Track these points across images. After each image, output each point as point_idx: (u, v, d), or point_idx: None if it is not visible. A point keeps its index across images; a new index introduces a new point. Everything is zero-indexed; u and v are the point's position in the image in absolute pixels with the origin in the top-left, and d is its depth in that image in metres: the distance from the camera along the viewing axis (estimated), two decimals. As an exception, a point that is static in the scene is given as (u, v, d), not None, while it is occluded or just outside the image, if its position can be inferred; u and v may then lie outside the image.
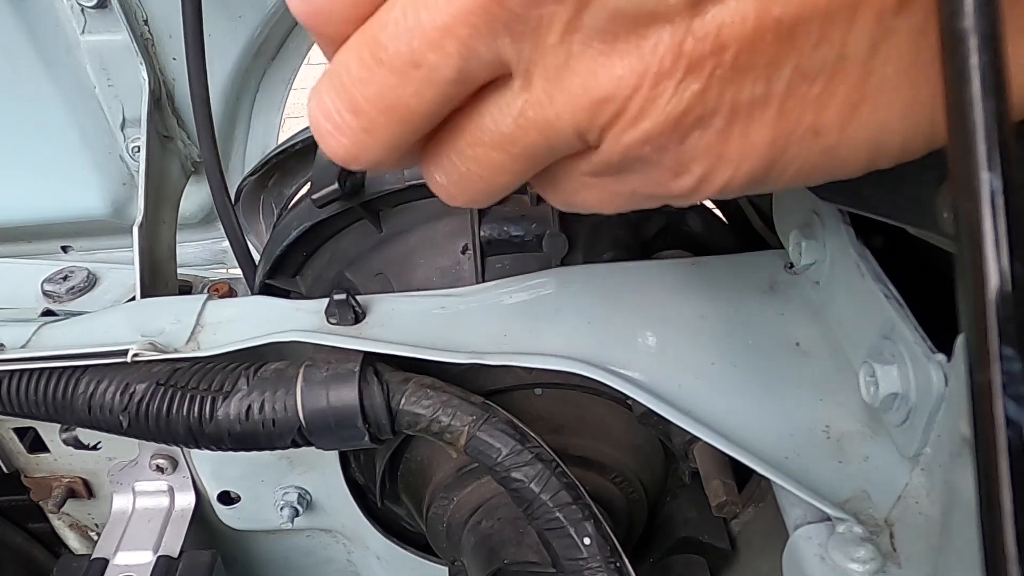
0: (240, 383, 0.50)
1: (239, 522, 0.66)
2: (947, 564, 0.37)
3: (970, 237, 0.16)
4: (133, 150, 0.89)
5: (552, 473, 0.49)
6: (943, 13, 0.16)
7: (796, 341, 0.51)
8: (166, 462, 0.63)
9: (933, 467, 0.41)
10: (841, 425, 0.46)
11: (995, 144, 0.15)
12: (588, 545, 0.48)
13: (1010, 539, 0.16)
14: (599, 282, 0.55)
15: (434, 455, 0.60)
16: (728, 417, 0.47)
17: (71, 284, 0.90)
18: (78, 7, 0.77)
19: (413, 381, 0.51)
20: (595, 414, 0.59)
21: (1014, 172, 0.16)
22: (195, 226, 1.04)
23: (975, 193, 0.16)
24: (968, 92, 0.15)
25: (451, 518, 0.59)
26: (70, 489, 0.66)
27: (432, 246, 0.60)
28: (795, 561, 0.42)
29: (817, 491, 0.43)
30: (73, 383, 0.51)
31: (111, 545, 0.63)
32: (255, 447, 0.50)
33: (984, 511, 0.17)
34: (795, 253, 0.51)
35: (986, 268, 0.16)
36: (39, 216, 0.95)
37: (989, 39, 0.15)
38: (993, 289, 0.16)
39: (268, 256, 0.66)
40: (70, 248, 1.04)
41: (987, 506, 0.17)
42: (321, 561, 0.73)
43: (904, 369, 0.41)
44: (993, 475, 0.16)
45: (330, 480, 0.63)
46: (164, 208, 0.81)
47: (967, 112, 0.16)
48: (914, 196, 0.37)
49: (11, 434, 0.63)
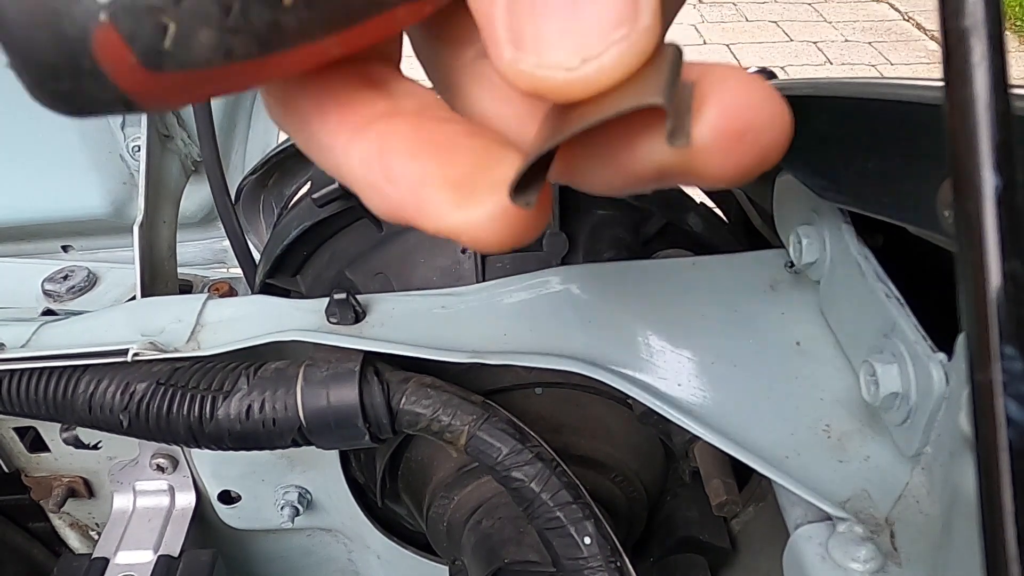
0: (240, 382, 0.50)
1: (239, 521, 0.66)
2: (948, 563, 0.37)
3: (971, 236, 0.16)
4: (133, 149, 0.89)
5: (552, 472, 0.49)
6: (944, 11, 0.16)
7: (796, 340, 0.51)
8: (166, 461, 0.63)
9: (934, 466, 0.41)
10: (841, 424, 0.46)
11: (997, 143, 0.15)
12: (588, 544, 0.48)
13: (1011, 538, 0.16)
14: (599, 281, 0.55)
15: (434, 454, 0.60)
16: (728, 416, 0.47)
17: (71, 283, 0.90)
18: (78, 6, 0.77)
19: (413, 380, 0.51)
20: (595, 413, 0.59)
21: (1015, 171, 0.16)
22: (195, 225, 1.04)
23: (976, 192, 0.16)
24: (969, 91, 0.15)
25: (451, 517, 0.59)
26: (70, 488, 0.66)
27: (432, 245, 0.60)
28: (795, 560, 0.42)
29: (817, 490, 0.43)
30: (73, 382, 0.51)
31: (111, 544, 0.63)
32: (255, 446, 0.50)
33: (985, 510, 0.17)
34: (795, 252, 0.51)
35: (987, 267, 0.16)
36: (39, 215, 0.95)
37: (991, 38, 0.15)
38: (994, 288, 0.16)
39: (268, 255, 0.66)
40: (70, 247, 1.04)
41: (988, 505, 0.17)
42: (321, 560, 0.73)
43: (904, 368, 0.41)
44: (994, 474, 0.16)
45: (330, 479, 0.63)
46: (164, 207, 0.81)
47: (969, 111, 0.16)
48: (914, 195, 0.37)
49: (12, 433, 0.63)
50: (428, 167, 0.19)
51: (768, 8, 4.29)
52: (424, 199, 0.19)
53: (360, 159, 0.20)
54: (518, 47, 0.17)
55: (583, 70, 0.17)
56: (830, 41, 3.96)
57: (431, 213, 0.19)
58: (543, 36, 0.17)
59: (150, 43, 0.16)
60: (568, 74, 0.17)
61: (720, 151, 0.17)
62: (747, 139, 0.17)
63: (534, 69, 0.17)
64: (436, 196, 0.19)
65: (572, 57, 0.17)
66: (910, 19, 4.15)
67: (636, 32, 0.17)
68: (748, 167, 0.18)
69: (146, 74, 0.16)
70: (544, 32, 0.17)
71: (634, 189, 0.21)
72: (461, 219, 0.19)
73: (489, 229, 0.19)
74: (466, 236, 0.19)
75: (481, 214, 0.18)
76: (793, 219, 0.53)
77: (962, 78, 0.16)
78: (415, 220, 0.19)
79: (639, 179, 0.19)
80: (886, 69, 3.69)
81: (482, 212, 0.18)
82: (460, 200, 0.19)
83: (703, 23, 4.11)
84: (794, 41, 3.96)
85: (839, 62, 3.77)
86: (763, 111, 0.17)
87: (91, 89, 0.16)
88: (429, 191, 0.19)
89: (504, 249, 0.19)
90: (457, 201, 0.19)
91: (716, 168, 0.18)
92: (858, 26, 4.11)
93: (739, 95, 0.17)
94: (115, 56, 0.16)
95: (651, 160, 0.19)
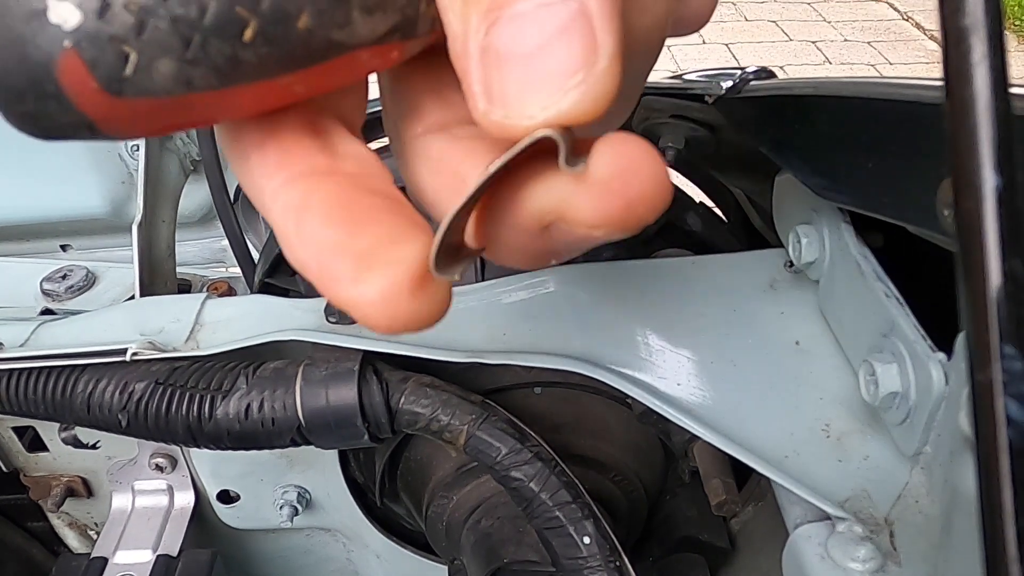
0: (239, 382, 0.50)
1: (238, 521, 0.66)
2: (947, 563, 0.37)
3: (971, 235, 0.16)
4: (132, 148, 0.89)
5: (551, 472, 0.49)
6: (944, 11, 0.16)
7: (796, 340, 0.51)
8: (165, 461, 0.63)
9: (933, 466, 0.41)
10: (841, 424, 0.46)
11: (997, 142, 0.15)
12: (588, 544, 0.48)
13: (1011, 538, 0.16)
14: (599, 281, 0.55)
15: (433, 454, 0.60)
16: (728, 415, 0.47)
17: (70, 283, 0.90)
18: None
19: (412, 380, 0.51)
20: (594, 413, 0.59)
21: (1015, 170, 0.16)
22: (194, 225, 1.04)
23: (976, 191, 0.16)
24: (970, 90, 0.15)
25: (450, 517, 0.59)
26: (69, 488, 0.66)
27: (431, 245, 0.60)
28: (795, 560, 0.42)
29: (817, 490, 0.43)
30: (72, 382, 0.51)
31: (110, 544, 0.63)
32: (254, 446, 0.50)
33: (985, 510, 0.17)
34: (795, 251, 0.51)
35: (987, 266, 0.16)
36: (38, 215, 0.95)
37: (990, 37, 0.15)
38: (994, 287, 0.16)
39: (267, 255, 0.66)
40: (69, 247, 1.03)
41: (988, 505, 0.17)
42: (320, 560, 0.73)
43: (904, 368, 0.41)
44: (994, 474, 0.16)
45: (329, 479, 0.63)
46: (163, 207, 0.81)
47: (969, 110, 0.15)
48: (914, 194, 0.37)
49: (10, 433, 0.63)
50: (337, 235, 0.19)
51: (767, 8, 4.29)
52: (325, 266, 0.19)
53: (281, 210, 0.20)
54: (488, 100, 0.18)
55: (542, 116, 0.17)
56: (829, 41, 3.96)
57: (329, 282, 0.19)
58: (508, 89, 0.18)
59: (112, 70, 0.16)
60: (530, 121, 0.18)
61: (610, 189, 0.18)
62: (636, 181, 0.18)
63: (503, 120, 0.18)
64: (337, 266, 0.18)
65: (533, 107, 0.18)
66: (909, 19, 4.16)
67: (593, 75, 0.17)
68: (631, 213, 0.18)
69: (108, 100, 0.17)
70: (508, 85, 0.18)
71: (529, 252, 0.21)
72: (355, 294, 0.18)
73: (380, 307, 0.18)
74: (358, 312, 0.18)
75: (373, 291, 0.18)
76: (792, 218, 0.53)
77: (962, 77, 0.16)
78: (316, 284, 0.19)
79: (526, 232, 0.20)
80: (885, 69, 3.69)
81: (374, 288, 0.18)
82: (357, 274, 0.18)
83: (702, 22, 4.11)
84: (793, 41, 3.97)
85: (838, 62, 3.77)
86: (653, 162, 0.18)
87: (55, 112, 0.17)
88: (331, 259, 0.19)
89: (395, 331, 0.19)
90: (354, 275, 0.18)
91: (601, 209, 0.18)
92: (857, 26, 4.12)
93: (632, 144, 0.18)
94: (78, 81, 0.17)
95: (536, 206, 0.19)
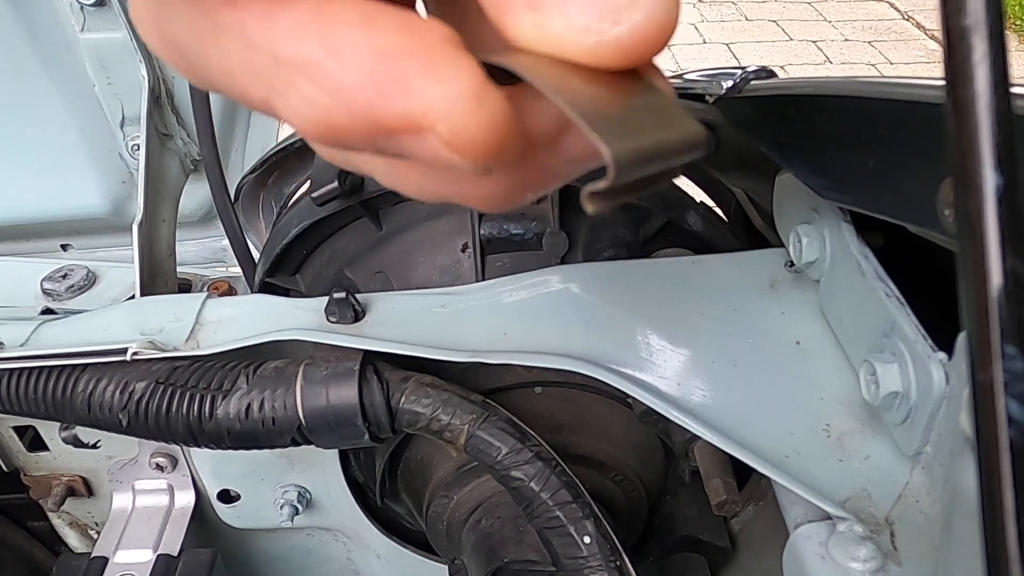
0: (240, 381, 0.50)
1: (239, 520, 0.66)
2: (948, 563, 0.37)
3: (972, 235, 0.16)
4: (133, 148, 0.89)
5: (552, 471, 0.49)
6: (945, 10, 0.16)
7: (796, 340, 0.51)
8: (166, 460, 0.63)
9: (934, 466, 0.41)
10: (841, 424, 0.46)
11: (998, 142, 0.15)
12: (588, 544, 0.48)
13: (1012, 538, 0.16)
14: (599, 280, 0.55)
15: (434, 454, 0.60)
16: (728, 415, 0.47)
17: (70, 282, 0.90)
18: (77, 5, 0.77)
19: (413, 379, 0.51)
20: (595, 413, 0.59)
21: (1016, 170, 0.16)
22: (195, 224, 1.04)
23: (978, 191, 0.16)
24: (971, 89, 0.15)
25: (451, 516, 0.59)
26: (70, 487, 0.66)
27: (432, 244, 0.60)
28: (795, 560, 0.42)
29: (817, 490, 0.43)
30: (72, 381, 0.51)
31: (111, 543, 0.63)
32: (255, 445, 0.50)
33: (986, 510, 0.17)
34: (795, 251, 0.51)
35: (988, 266, 0.16)
36: (39, 214, 0.95)
37: (991, 36, 0.15)
38: (995, 287, 0.16)
39: (268, 254, 0.66)
40: (69, 246, 1.04)
41: (989, 505, 0.17)
42: (321, 559, 0.73)
43: (905, 368, 0.41)
44: (995, 474, 0.16)
45: (330, 478, 0.63)
46: (164, 206, 0.81)
47: (970, 110, 0.15)
48: (915, 194, 0.36)
49: (11, 432, 0.63)
50: (388, 37, 0.15)
51: (768, 7, 4.29)
52: (387, 74, 0.15)
53: (289, 29, 0.15)
54: (536, 9, 0.16)
55: (614, 32, 0.15)
56: (830, 40, 3.96)
57: (399, 91, 0.15)
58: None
59: None
60: (600, 36, 0.15)
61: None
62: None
63: (561, 33, 0.15)
64: (405, 67, 0.15)
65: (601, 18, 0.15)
66: (910, 18, 4.15)
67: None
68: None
69: None
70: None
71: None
72: (442, 95, 0.15)
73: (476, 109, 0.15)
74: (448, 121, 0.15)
75: (465, 87, 0.15)
76: (793, 218, 0.53)
77: (963, 77, 0.16)
78: (373, 105, 0.15)
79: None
80: (886, 68, 3.69)
81: (465, 85, 0.15)
82: (435, 72, 0.15)
83: (703, 22, 4.11)
84: (794, 40, 3.96)
85: (839, 61, 3.77)
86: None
87: None
88: (395, 64, 0.15)
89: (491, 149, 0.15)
90: (432, 73, 0.15)
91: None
92: (858, 25, 4.11)
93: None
94: None
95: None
